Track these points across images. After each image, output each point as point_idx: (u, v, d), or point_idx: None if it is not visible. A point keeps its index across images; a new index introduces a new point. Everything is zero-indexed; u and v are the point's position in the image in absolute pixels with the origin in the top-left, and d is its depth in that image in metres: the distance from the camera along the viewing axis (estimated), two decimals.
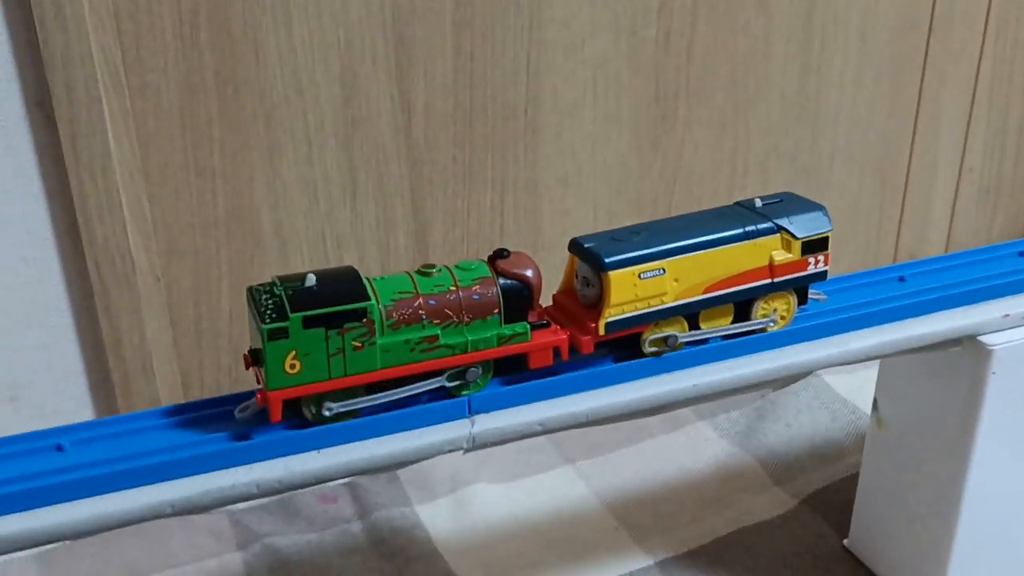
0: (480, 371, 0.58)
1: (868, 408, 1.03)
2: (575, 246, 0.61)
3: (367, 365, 0.55)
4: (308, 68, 0.90)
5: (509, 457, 0.97)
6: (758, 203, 0.64)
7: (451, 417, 0.58)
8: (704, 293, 0.61)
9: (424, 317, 0.56)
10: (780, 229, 0.62)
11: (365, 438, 0.57)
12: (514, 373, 0.59)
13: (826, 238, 0.63)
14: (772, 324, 0.64)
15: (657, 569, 0.83)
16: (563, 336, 0.59)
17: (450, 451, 0.58)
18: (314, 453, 0.56)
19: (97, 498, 0.52)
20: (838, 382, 1.06)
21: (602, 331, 0.59)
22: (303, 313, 0.53)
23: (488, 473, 0.95)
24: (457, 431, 0.58)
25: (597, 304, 0.59)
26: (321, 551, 0.86)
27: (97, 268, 0.84)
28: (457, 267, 0.58)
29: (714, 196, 1.12)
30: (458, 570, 0.83)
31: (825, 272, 0.64)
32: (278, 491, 0.55)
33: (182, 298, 0.93)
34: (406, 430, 0.58)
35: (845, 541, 0.85)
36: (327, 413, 0.55)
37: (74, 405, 0.90)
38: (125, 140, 0.84)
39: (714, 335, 0.63)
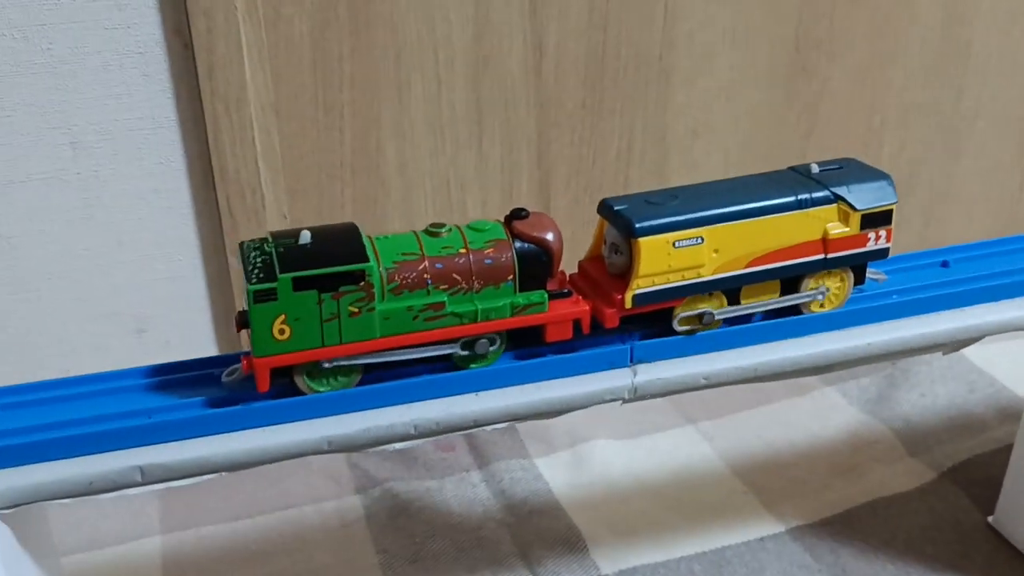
0: (489, 344, 0.53)
1: (1007, 381, 0.98)
2: (605, 208, 0.55)
3: (365, 333, 0.50)
4: (441, 3, 0.87)
5: (627, 415, 0.94)
6: (815, 168, 0.58)
7: (613, 366, 0.55)
8: (747, 267, 0.55)
9: (429, 282, 0.51)
10: (837, 199, 0.55)
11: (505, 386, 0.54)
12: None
13: (890, 211, 0.56)
14: (820, 299, 0.57)
15: (789, 536, 0.80)
16: (585, 307, 0.53)
17: (610, 400, 0.55)
18: (471, 396, 0.54)
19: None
20: (972, 352, 1.01)
21: (628, 304, 0.53)
22: (293, 274, 0.48)
23: (607, 429, 0.93)
24: (618, 380, 0.55)
25: (626, 274, 0.54)
26: (441, 498, 0.84)
27: (228, 202, 0.82)
28: (469, 227, 0.53)
29: (848, 151, 1.07)
30: (581, 525, 0.81)
31: (887, 250, 0.58)
32: (435, 432, 0.53)
33: None
34: (565, 376, 0.55)
35: (990, 518, 0.80)
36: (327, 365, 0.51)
37: (199, 339, 0.89)
38: (259, 73, 0.82)
39: (754, 311, 0.56)
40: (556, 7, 0.90)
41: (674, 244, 0.53)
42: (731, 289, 0.56)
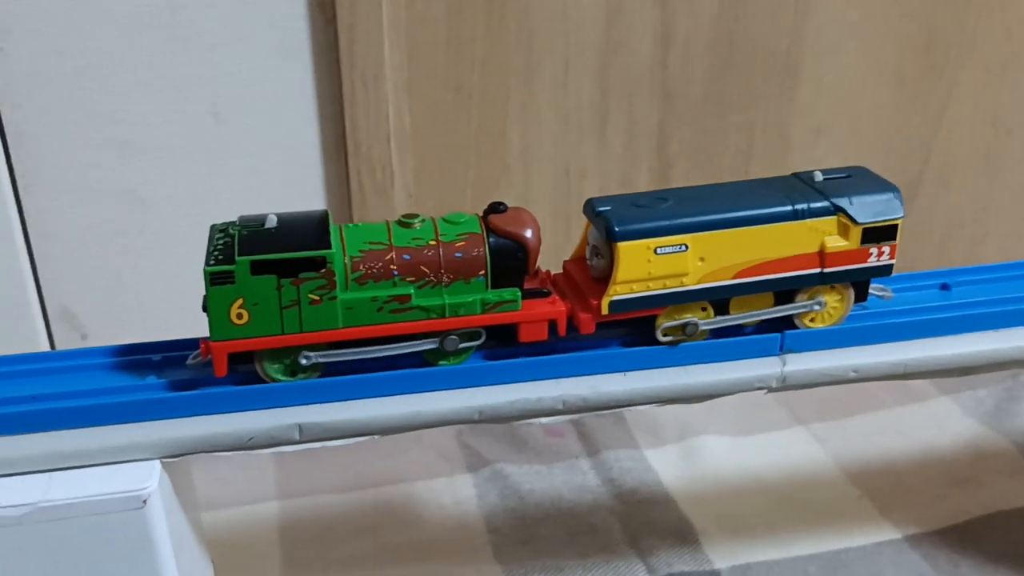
0: (459, 340, 0.51)
1: None
2: (588, 208, 0.53)
3: (327, 323, 0.49)
4: None
5: (737, 411, 0.93)
6: (818, 176, 0.54)
7: (761, 353, 0.55)
8: (735, 278, 0.52)
9: (396, 273, 0.49)
10: (838, 210, 0.52)
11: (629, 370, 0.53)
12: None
13: (894, 226, 0.53)
14: (814, 311, 0.54)
15: (907, 543, 0.78)
16: (561, 308, 0.52)
17: (757, 388, 0.55)
18: (619, 376, 0.54)
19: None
20: None
21: (605, 310, 0.51)
22: (251, 257, 0.47)
23: (716, 424, 0.92)
24: (767, 369, 0.55)
25: (606, 278, 0.52)
26: (551, 482, 0.84)
27: (359, 178, 0.84)
28: (444, 219, 0.51)
29: (972, 157, 1.04)
30: (692, 518, 0.80)
31: (890, 266, 0.54)
32: (581, 410, 0.53)
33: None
34: (711, 362, 0.55)
35: None
36: (304, 362, 0.50)
37: None
38: (396, 50, 0.83)
39: (741, 322, 0.54)
40: None
41: (656, 250, 0.51)
42: (718, 300, 0.54)
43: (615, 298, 0.51)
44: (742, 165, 0.98)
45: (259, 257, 0.47)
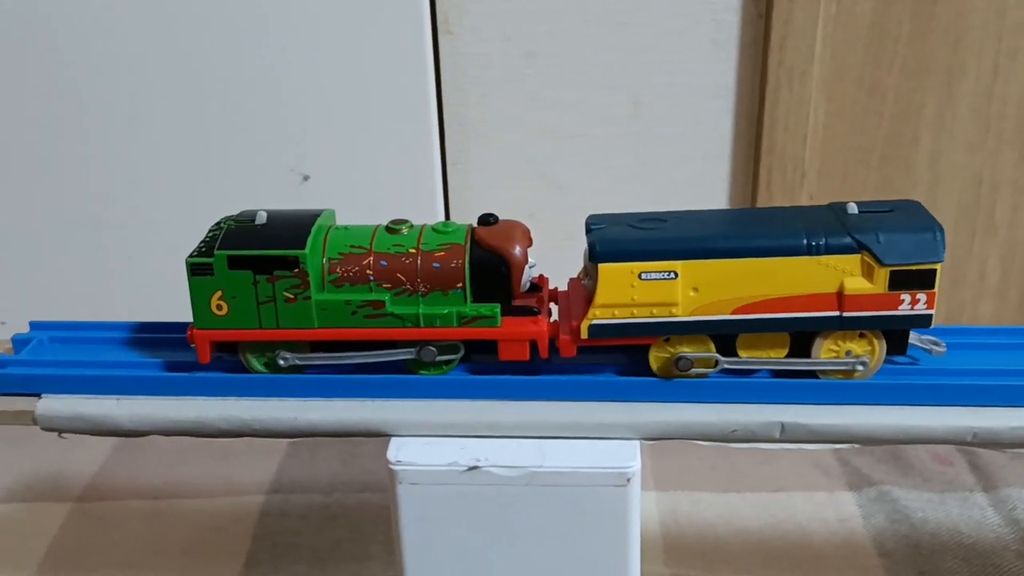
0: (437, 352, 0.50)
1: None
2: (586, 225, 0.49)
3: (302, 321, 0.50)
4: None
5: None
6: (852, 208, 0.46)
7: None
8: (735, 313, 0.46)
9: (372, 278, 0.49)
10: (861, 248, 0.44)
11: None
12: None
13: (931, 271, 0.45)
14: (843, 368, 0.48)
15: None
16: (542, 329, 0.48)
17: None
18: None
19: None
20: None
21: (584, 334, 0.47)
22: (229, 252, 0.49)
23: None
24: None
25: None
26: (945, 514, 0.79)
27: (768, 176, 0.82)
28: (433, 227, 0.50)
29: None
30: None
31: (928, 317, 0.47)
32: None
33: None
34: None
35: None
36: (282, 363, 0.51)
37: None
38: (824, 47, 0.80)
39: (752, 367, 0.48)
40: None
41: (640, 275, 0.47)
42: (721, 336, 0.48)
43: (595, 322, 0.48)
44: None
45: (235, 252, 0.49)
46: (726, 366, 0.50)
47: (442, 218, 0.86)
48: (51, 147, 0.82)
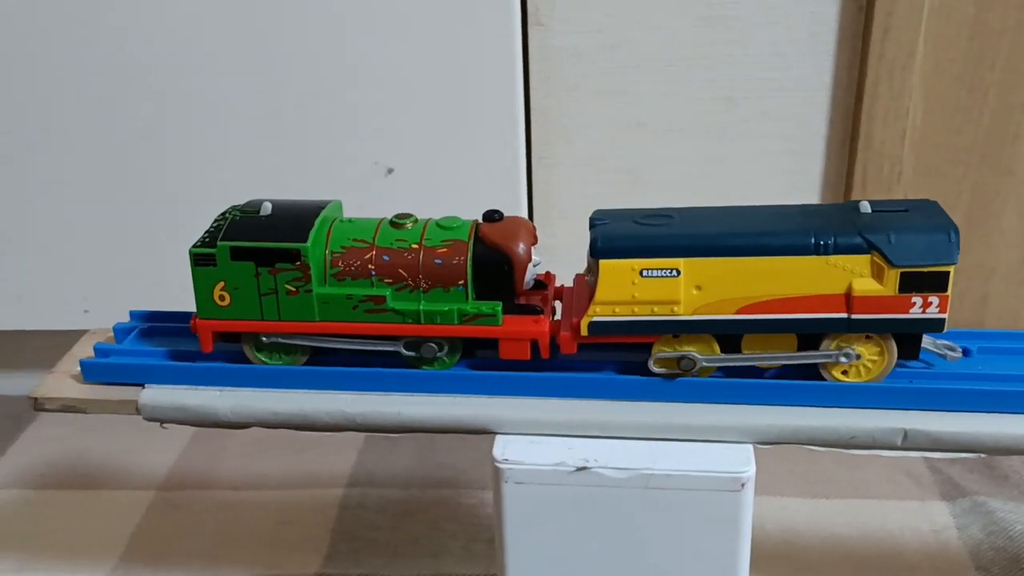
0: (437, 348, 0.49)
1: None
2: (590, 220, 0.49)
3: (304, 314, 0.50)
4: None
5: None
6: (865, 207, 0.44)
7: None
8: (739, 313, 0.45)
9: (374, 273, 0.49)
10: (872, 248, 0.43)
11: None
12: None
13: (943, 274, 0.44)
14: (844, 361, 0.47)
15: None
16: (543, 329, 0.48)
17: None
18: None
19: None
20: None
21: (584, 331, 0.47)
22: (232, 243, 0.49)
23: None
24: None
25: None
26: None
27: (863, 173, 0.80)
28: (438, 223, 0.49)
29: None
30: None
31: (941, 321, 0.45)
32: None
33: None
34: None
35: None
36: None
37: None
38: (927, 41, 0.78)
39: (753, 364, 0.47)
40: None
41: (641, 272, 0.46)
42: (725, 336, 0.47)
43: (595, 319, 0.48)
44: None
45: (237, 244, 0.49)
46: (717, 364, 0.49)
47: (525, 213, 0.85)
48: (134, 138, 0.82)
